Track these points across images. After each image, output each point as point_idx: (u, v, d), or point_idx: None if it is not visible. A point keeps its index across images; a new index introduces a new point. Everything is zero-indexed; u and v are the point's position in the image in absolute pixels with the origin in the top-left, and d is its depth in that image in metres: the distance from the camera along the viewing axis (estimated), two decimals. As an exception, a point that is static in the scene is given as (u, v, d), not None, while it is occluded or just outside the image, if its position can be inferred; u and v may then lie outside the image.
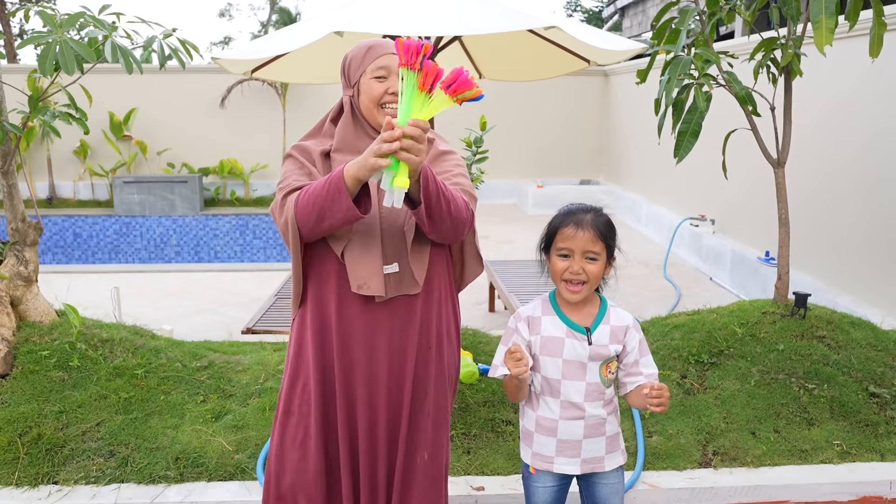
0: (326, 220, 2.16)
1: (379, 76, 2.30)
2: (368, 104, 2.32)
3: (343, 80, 2.41)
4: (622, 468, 2.41)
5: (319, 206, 2.15)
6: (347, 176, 2.11)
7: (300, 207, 2.19)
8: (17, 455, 3.26)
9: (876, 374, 3.82)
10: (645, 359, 2.32)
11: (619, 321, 2.31)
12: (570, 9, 36.72)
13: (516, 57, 6.51)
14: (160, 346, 4.00)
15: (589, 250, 2.23)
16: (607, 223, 2.29)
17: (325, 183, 2.14)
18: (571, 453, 2.31)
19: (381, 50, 2.32)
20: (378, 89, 2.30)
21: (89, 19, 3.42)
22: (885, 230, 5.35)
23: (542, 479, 2.38)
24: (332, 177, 2.13)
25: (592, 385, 2.28)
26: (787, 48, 3.82)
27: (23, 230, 3.89)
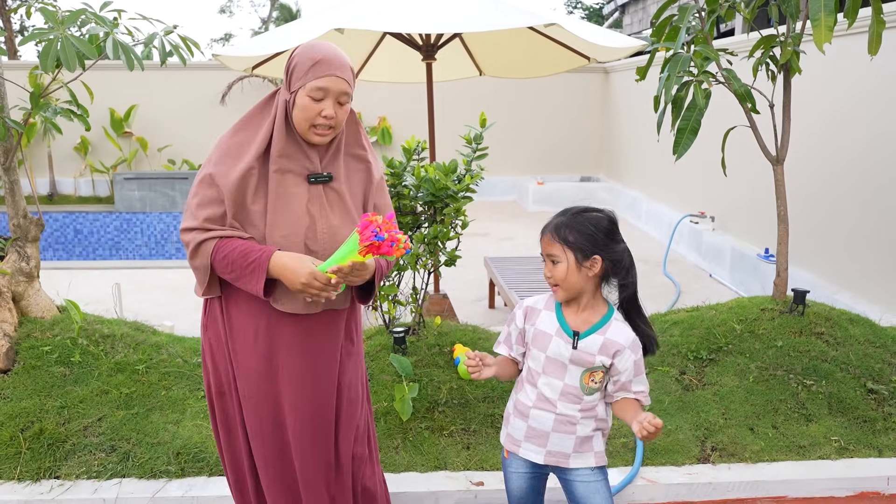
0: (238, 283, 2.31)
1: (317, 98, 2.25)
2: (301, 121, 2.29)
3: (285, 79, 2.34)
4: (601, 470, 2.36)
5: (236, 274, 2.27)
6: (274, 272, 2.24)
7: (217, 264, 2.28)
8: (19, 450, 3.28)
9: (874, 371, 3.83)
10: (638, 378, 2.28)
11: (616, 337, 2.25)
12: (571, 6, 36.67)
13: (517, 54, 6.52)
14: (161, 342, 4.02)
15: (548, 254, 2.26)
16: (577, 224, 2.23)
17: (247, 258, 2.24)
18: (538, 442, 2.34)
19: (325, 69, 2.25)
20: (312, 111, 2.26)
21: (91, 16, 3.43)
22: (884, 227, 5.36)
23: (515, 464, 2.44)
24: (256, 259, 2.23)
25: (570, 387, 2.28)
26: (787, 46, 3.83)
27: (24, 226, 3.90)
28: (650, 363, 3.99)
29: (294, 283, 2.21)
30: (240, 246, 2.26)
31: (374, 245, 2.14)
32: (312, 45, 2.31)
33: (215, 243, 2.27)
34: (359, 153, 2.49)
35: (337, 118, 2.30)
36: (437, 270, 4.12)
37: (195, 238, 2.28)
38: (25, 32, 20.75)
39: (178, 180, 12.02)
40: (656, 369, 3.95)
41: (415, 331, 4.06)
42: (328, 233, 2.35)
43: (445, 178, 3.82)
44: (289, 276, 2.22)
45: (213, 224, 2.28)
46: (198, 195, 2.31)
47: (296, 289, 2.22)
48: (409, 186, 3.95)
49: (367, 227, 2.15)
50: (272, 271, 2.24)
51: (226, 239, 2.28)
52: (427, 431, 3.49)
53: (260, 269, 2.23)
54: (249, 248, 2.25)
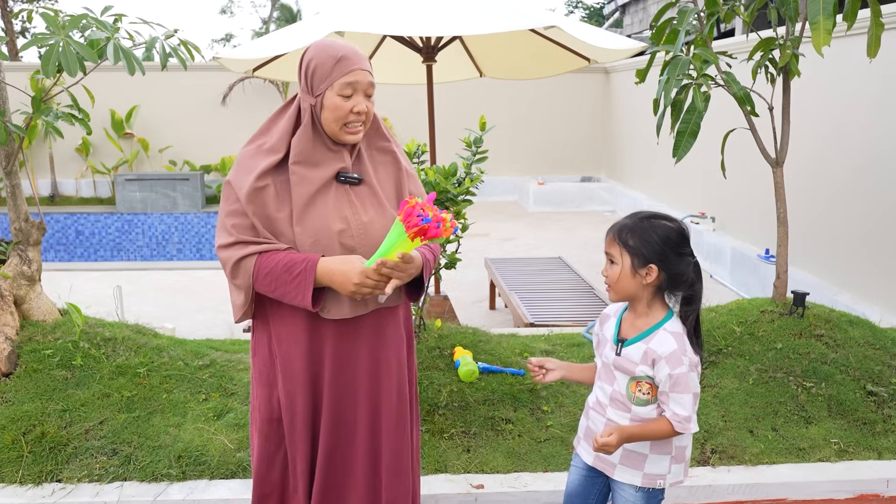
0: (288, 301, 2.23)
1: (346, 94, 2.21)
2: (332, 122, 2.23)
3: (303, 85, 2.26)
4: (646, 493, 2.29)
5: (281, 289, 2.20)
6: (323, 280, 2.17)
7: (260, 281, 2.21)
8: (21, 453, 3.29)
9: (874, 373, 3.84)
10: (676, 395, 2.16)
11: (657, 346, 2.18)
12: (572, 5, 36.67)
13: (517, 55, 6.53)
14: (162, 345, 4.03)
15: (607, 251, 2.24)
16: (641, 229, 2.18)
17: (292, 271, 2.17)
18: (590, 443, 2.36)
19: (349, 64, 2.21)
20: (344, 109, 2.21)
21: (91, 21, 3.44)
22: (884, 228, 5.37)
23: (576, 458, 2.47)
24: (302, 270, 2.17)
25: (618, 393, 2.27)
26: (786, 48, 3.83)
27: (26, 230, 3.91)
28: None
29: (346, 286, 2.15)
30: (282, 259, 2.18)
31: (422, 229, 2.08)
32: (324, 44, 2.24)
33: (256, 260, 2.20)
34: (383, 145, 2.44)
35: (368, 113, 2.27)
36: (437, 273, 4.13)
37: (233, 255, 2.21)
38: (27, 33, 20.78)
39: (180, 181, 12.04)
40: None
41: (415, 333, 4.07)
42: (361, 229, 2.28)
43: (445, 182, 3.83)
44: (339, 279, 2.16)
45: (245, 233, 2.22)
46: (225, 207, 2.27)
47: (348, 291, 2.16)
48: (410, 189, 3.96)
49: (411, 213, 2.09)
50: (320, 279, 2.17)
51: (265, 254, 2.20)
52: (427, 434, 3.50)
53: (307, 280, 2.16)
54: (292, 261, 2.18)
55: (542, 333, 4.65)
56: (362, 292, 2.16)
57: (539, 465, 3.37)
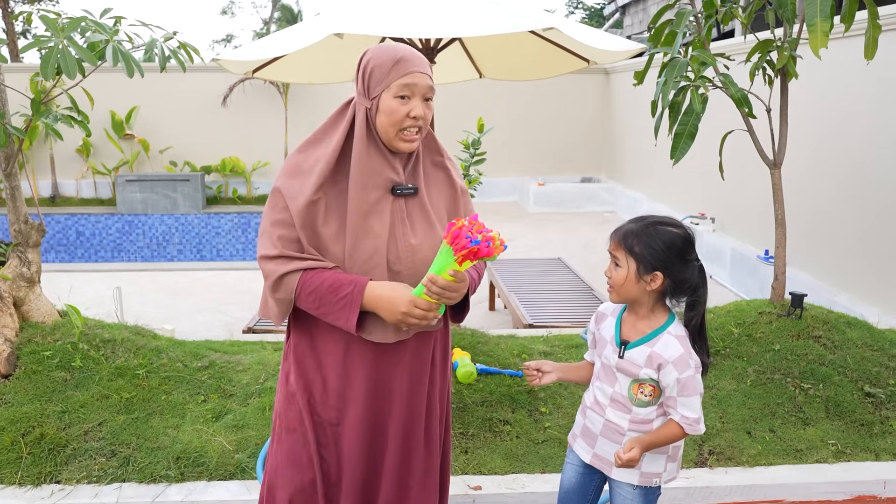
0: (326, 318, 2.14)
1: (403, 95, 2.11)
2: (387, 127, 2.12)
3: (360, 87, 2.17)
4: (643, 490, 2.32)
5: (324, 309, 2.11)
6: (369, 306, 2.08)
7: (303, 299, 2.12)
8: (20, 454, 3.30)
9: (871, 374, 3.85)
10: (684, 399, 2.18)
11: (663, 351, 2.19)
12: (572, 6, 36.68)
13: (516, 57, 6.52)
14: (161, 346, 4.04)
15: (612, 253, 2.25)
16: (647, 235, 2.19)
17: (338, 292, 2.08)
18: (589, 442, 2.38)
19: (408, 66, 2.11)
20: (400, 113, 2.11)
21: (91, 23, 3.45)
22: (882, 229, 5.38)
23: (571, 456, 2.48)
24: (349, 293, 2.07)
25: (618, 395, 2.28)
26: (783, 50, 3.84)
27: (25, 232, 3.92)
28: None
29: (393, 315, 2.06)
30: (328, 279, 2.09)
31: (472, 251, 1.98)
32: (383, 46, 2.15)
33: (300, 276, 2.10)
34: (437, 160, 2.33)
35: (425, 118, 2.15)
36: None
37: (277, 270, 2.11)
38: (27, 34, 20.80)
39: (180, 182, 12.06)
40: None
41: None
42: (409, 252, 2.17)
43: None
44: (386, 307, 2.06)
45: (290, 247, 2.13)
46: (271, 216, 2.17)
47: (395, 320, 2.07)
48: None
49: (458, 235, 1.99)
50: (366, 304, 2.08)
51: (311, 272, 2.11)
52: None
53: (353, 303, 2.07)
54: (339, 282, 2.09)
55: (540, 335, 4.66)
56: (408, 322, 2.07)
57: (537, 466, 3.38)
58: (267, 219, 2.18)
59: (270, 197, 2.19)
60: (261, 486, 2.50)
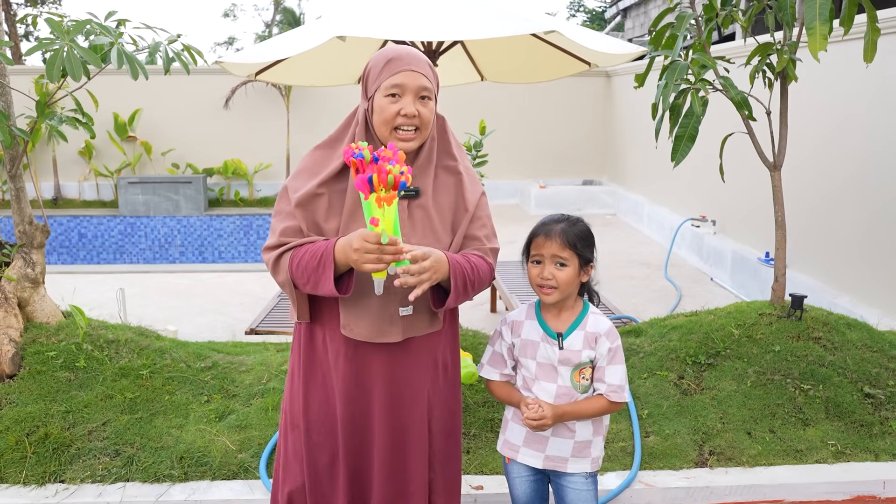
0: (319, 290, 2.15)
1: (392, 94, 2.14)
2: (381, 125, 2.17)
3: (362, 89, 2.25)
4: (593, 477, 2.44)
5: (310, 277, 2.13)
6: (340, 260, 2.08)
7: (294, 273, 2.16)
8: (24, 454, 3.32)
9: (871, 375, 3.86)
10: (612, 367, 2.33)
11: (594, 328, 2.35)
12: (574, 9, 36.72)
13: (518, 59, 6.54)
14: (165, 347, 4.06)
15: (556, 255, 2.32)
16: (579, 232, 2.35)
17: (316, 255, 2.11)
18: (537, 447, 2.42)
19: (398, 65, 2.14)
20: (390, 111, 2.14)
21: (95, 26, 3.47)
22: (882, 231, 5.39)
23: (517, 470, 2.50)
24: (323, 252, 2.10)
25: (563, 388, 2.36)
26: (783, 53, 3.86)
27: (30, 233, 3.95)
28: (649, 367, 4.02)
29: (351, 257, 2.02)
30: (310, 247, 2.13)
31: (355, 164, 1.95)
32: (384, 49, 2.20)
33: (290, 254, 2.16)
34: (448, 164, 2.32)
35: (421, 117, 2.16)
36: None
37: (273, 255, 2.20)
38: (30, 37, 20.86)
39: (182, 184, 12.08)
40: (655, 374, 3.98)
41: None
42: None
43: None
44: (347, 252, 2.03)
45: (290, 236, 2.20)
46: (277, 209, 2.27)
47: (354, 261, 2.01)
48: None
49: (348, 153, 1.98)
50: (338, 258, 2.07)
51: (298, 247, 2.16)
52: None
53: (327, 262, 2.08)
54: (317, 247, 2.12)
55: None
56: (366, 259, 1.98)
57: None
58: (274, 215, 2.28)
59: (280, 195, 2.29)
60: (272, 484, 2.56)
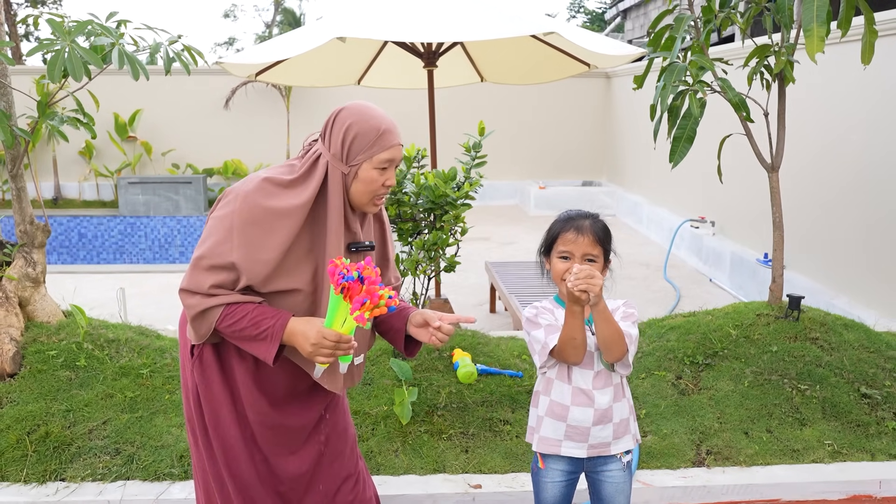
0: (245, 347, 2.18)
1: (383, 168, 2.17)
2: (363, 194, 2.18)
3: (338, 151, 2.15)
4: (629, 470, 2.48)
5: (243, 341, 2.15)
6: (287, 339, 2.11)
7: (223, 331, 2.13)
8: (25, 452, 3.34)
9: (868, 376, 3.88)
10: (629, 324, 2.37)
11: (612, 305, 2.41)
12: (574, 10, 36.75)
13: (518, 60, 6.57)
14: (165, 346, 4.08)
15: (588, 253, 2.34)
16: (604, 228, 2.40)
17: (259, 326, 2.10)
18: (579, 439, 2.42)
19: (391, 139, 2.16)
20: (378, 182, 2.17)
21: (97, 27, 3.49)
22: (881, 232, 5.41)
23: (551, 474, 2.49)
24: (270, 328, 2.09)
25: (601, 372, 2.40)
26: (780, 55, 3.88)
27: (31, 232, 3.96)
28: (647, 367, 4.04)
29: (304, 347, 2.07)
30: (250, 313, 2.10)
31: (346, 288, 1.97)
32: (364, 111, 2.16)
33: (222, 310, 2.11)
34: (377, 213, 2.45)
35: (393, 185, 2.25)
36: (437, 276, 4.17)
37: (199, 304, 2.11)
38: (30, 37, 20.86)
39: (182, 184, 12.10)
40: (653, 374, 4.00)
41: (415, 336, 4.11)
42: None
43: (445, 186, 3.88)
44: (300, 340, 2.08)
45: (221, 290, 2.12)
46: (213, 250, 2.10)
47: (307, 352, 2.07)
48: (409, 194, 4.01)
49: (334, 272, 1.98)
50: (286, 339, 2.11)
51: (233, 305, 2.11)
52: (426, 435, 3.54)
53: (274, 337, 2.10)
54: (261, 316, 2.11)
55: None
56: (322, 353, 2.06)
57: (536, 465, 3.42)
58: (206, 249, 2.11)
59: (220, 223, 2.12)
60: None
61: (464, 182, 4.03)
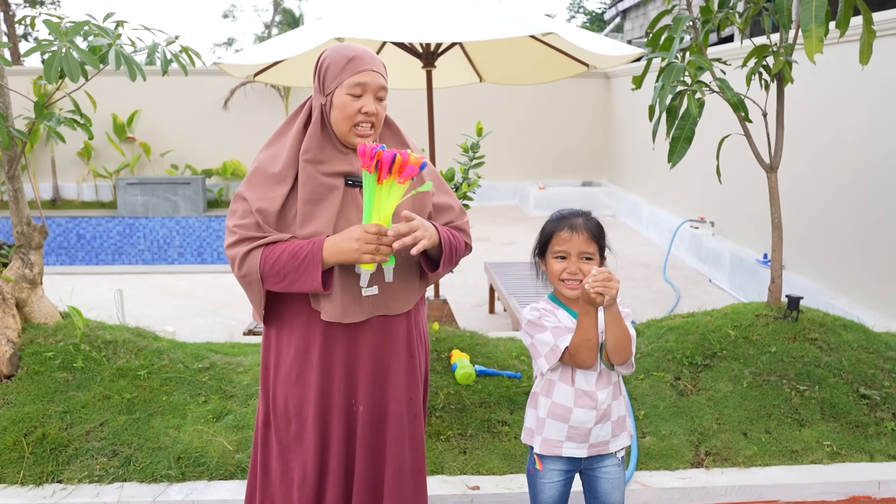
0: (294, 286, 2.21)
1: (355, 94, 2.23)
2: (341, 122, 2.25)
3: (316, 84, 2.29)
4: (622, 461, 2.51)
5: (290, 277, 2.19)
6: (329, 259, 2.17)
7: (266, 270, 2.20)
8: (22, 454, 3.33)
9: (867, 376, 3.87)
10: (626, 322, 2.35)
11: None
12: (573, 10, 36.75)
13: (517, 61, 6.55)
14: (163, 348, 4.07)
15: (584, 251, 2.34)
16: (598, 225, 2.40)
17: (299, 256, 2.17)
18: (580, 439, 2.42)
19: (360, 64, 2.23)
20: (352, 108, 2.23)
21: (94, 28, 3.48)
22: (880, 232, 5.41)
23: (550, 475, 2.49)
24: (309, 252, 2.16)
25: (602, 372, 2.39)
26: (779, 55, 3.88)
27: (28, 234, 3.95)
28: (646, 368, 4.03)
29: (350, 250, 2.13)
30: (287, 247, 2.19)
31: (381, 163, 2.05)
32: (340, 46, 2.27)
33: (261, 252, 2.20)
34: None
35: (377, 115, 2.27)
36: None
37: (239, 251, 2.22)
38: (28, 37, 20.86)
39: (181, 185, 12.09)
40: (652, 374, 3.99)
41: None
42: None
43: (443, 186, 3.87)
44: (343, 247, 2.14)
45: (249, 231, 2.23)
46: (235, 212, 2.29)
47: (354, 255, 2.12)
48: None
49: (363, 152, 2.07)
50: (327, 258, 2.17)
51: (270, 245, 2.21)
52: (424, 436, 3.53)
53: (314, 261, 2.16)
54: (298, 246, 2.18)
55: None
56: (367, 250, 2.11)
57: (534, 466, 3.41)
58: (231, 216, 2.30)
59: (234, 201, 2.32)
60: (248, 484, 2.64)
61: (462, 183, 4.02)
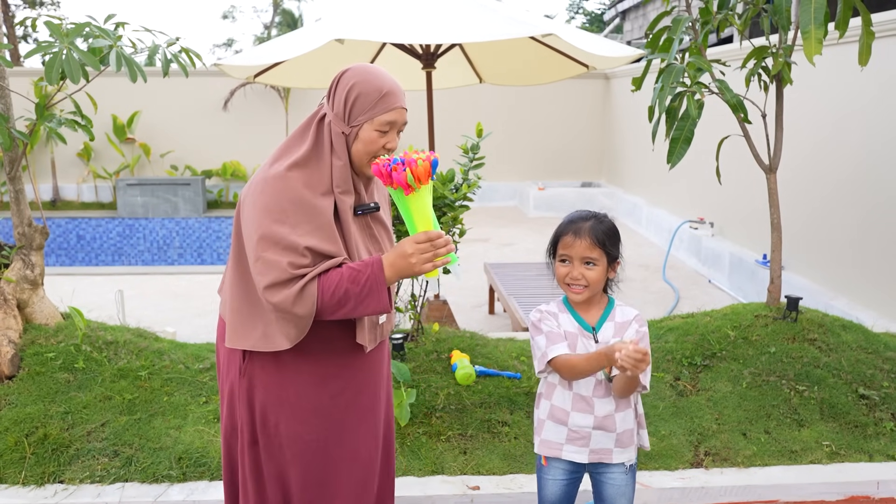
0: (356, 311, 2.12)
1: (383, 130, 2.15)
2: (362, 154, 2.17)
3: (340, 110, 2.16)
4: (633, 468, 2.46)
5: (349, 301, 2.08)
6: (391, 278, 2.09)
7: (327, 302, 2.07)
8: (23, 455, 3.34)
9: (866, 377, 3.88)
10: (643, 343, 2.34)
11: (624, 317, 2.39)
12: (573, 11, 36.78)
13: (517, 62, 6.57)
14: (163, 349, 4.08)
15: (586, 256, 2.31)
16: (607, 230, 2.34)
17: (358, 281, 2.07)
18: (581, 444, 2.41)
19: (393, 101, 2.15)
20: (378, 144, 2.16)
21: (94, 29, 3.49)
22: (878, 233, 5.42)
23: (553, 472, 2.48)
24: (369, 275, 2.07)
25: (600, 381, 2.37)
26: (778, 57, 3.89)
27: (29, 234, 3.96)
28: (645, 369, 4.04)
29: (409, 265, 2.06)
30: (344, 274, 2.08)
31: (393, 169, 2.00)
32: (368, 72, 2.16)
33: (318, 283, 2.07)
34: None
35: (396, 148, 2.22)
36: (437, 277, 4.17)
37: (292, 291, 2.04)
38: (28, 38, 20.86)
39: (181, 186, 12.10)
40: (651, 375, 4.00)
41: (413, 337, 4.12)
42: None
43: (443, 188, 3.88)
44: (401, 264, 2.07)
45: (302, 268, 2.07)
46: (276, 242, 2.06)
47: (416, 269, 2.06)
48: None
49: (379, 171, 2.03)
50: (389, 277, 2.10)
51: (323, 275, 2.08)
52: (425, 436, 3.54)
53: (378, 282, 2.08)
54: (355, 271, 2.08)
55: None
56: (425, 259, 2.06)
57: (534, 466, 3.42)
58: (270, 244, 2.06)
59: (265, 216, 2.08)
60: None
61: (462, 184, 4.03)
